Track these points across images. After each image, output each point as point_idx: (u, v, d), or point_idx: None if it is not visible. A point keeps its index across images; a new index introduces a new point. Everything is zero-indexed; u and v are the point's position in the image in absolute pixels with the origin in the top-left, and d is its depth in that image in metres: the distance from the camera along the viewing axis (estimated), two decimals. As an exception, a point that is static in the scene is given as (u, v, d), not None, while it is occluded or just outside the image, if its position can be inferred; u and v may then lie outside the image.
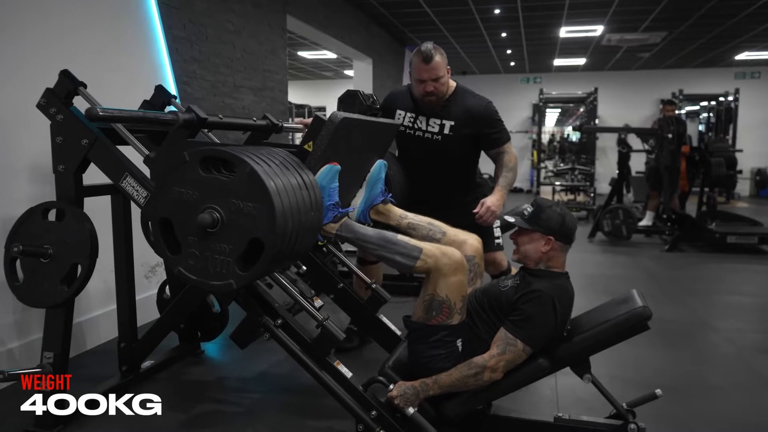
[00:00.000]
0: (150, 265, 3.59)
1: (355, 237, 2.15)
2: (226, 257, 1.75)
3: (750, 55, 11.64)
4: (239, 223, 1.73)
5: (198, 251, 1.78)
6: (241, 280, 1.76)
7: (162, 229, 1.84)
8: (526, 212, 2.14)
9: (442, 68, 2.65)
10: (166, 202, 1.81)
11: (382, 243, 2.11)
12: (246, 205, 1.71)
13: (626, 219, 6.52)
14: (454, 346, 2.05)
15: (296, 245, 1.81)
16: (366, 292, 2.70)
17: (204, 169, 1.76)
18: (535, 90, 13.29)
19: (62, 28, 3.00)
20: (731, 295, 4.59)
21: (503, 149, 2.82)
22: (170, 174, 1.80)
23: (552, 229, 2.08)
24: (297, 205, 1.78)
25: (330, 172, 2.10)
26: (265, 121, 2.73)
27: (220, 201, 1.74)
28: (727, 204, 10.50)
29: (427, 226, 2.35)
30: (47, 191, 2.63)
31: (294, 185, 1.80)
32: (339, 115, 2.09)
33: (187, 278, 1.82)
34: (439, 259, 2.02)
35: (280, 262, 1.84)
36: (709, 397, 2.62)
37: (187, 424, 2.31)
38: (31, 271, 2.24)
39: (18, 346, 2.72)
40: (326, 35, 7.21)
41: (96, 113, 1.94)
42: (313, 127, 2.11)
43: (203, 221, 1.72)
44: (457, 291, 2.02)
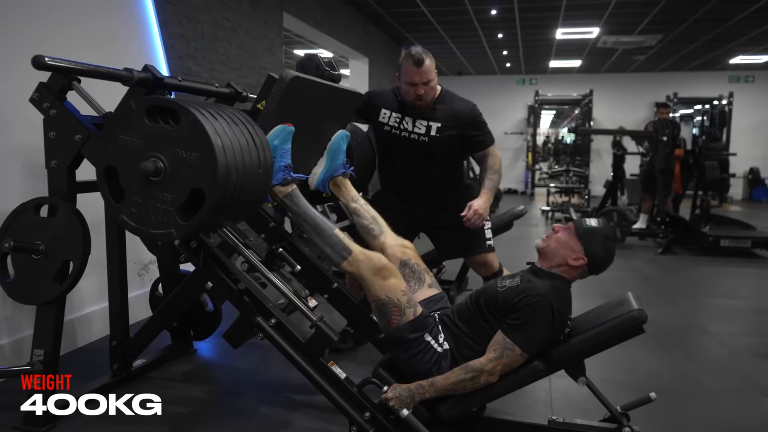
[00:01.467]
0: (143, 263, 3.56)
1: (298, 211, 2.20)
2: (167, 206, 1.76)
3: (744, 59, 11.70)
4: (182, 173, 1.73)
5: (141, 200, 1.79)
6: (182, 230, 1.77)
7: (107, 177, 1.84)
8: (588, 223, 2.10)
9: (432, 72, 2.65)
10: (111, 150, 1.82)
11: (318, 230, 2.17)
12: (189, 154, 1.72)
13: (620, 221, 6.54)
14: (423, 342, 2.06)
15: (240, 200, 1.81)
16: (360, 293, 2.68)
17: (150, 118, 1.77)
18: (531, 91, 13.32)
19: (57, 23, 2.98)
20: (724, 298, 4.60)
21: (488, 152, 2.84)
22: (116, 122, 1.81)
23: (593, 256, 2.06)
24: (243, 159, 1.78)
25: (282, 132, 2.11)
26: (229, 89, 2.71)
27: (164, 150, 1.75)
28: (720, 207, 10.55)
29: (370, 219, 2.40)
30: (40, 187, 2.61)
31: (242, 141, 1.81)
32: (290, 73, 2.10)
33: (129, 226, 1.83)
34: (363, 264, 2.08)
35: (222, 215, 1.84)
36: (702, 400, 2.62)
37: (178, 424, 2.30)
38: (23, 267, 2.22)
39: (8, 342, 2.69)
40: (322, 34, 7.20)
41: (43, 61, 1.93)
42: (266, 86, 2.12)
43: (146, 169, 1.73)
44: (395, 290, 2.05)
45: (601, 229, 2.09)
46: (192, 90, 2.58)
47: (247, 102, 2.85)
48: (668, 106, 7.73)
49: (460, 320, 2.14)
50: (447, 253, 3.17)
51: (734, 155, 8.42)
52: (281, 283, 2.13)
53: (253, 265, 2.12)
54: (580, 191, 10.28)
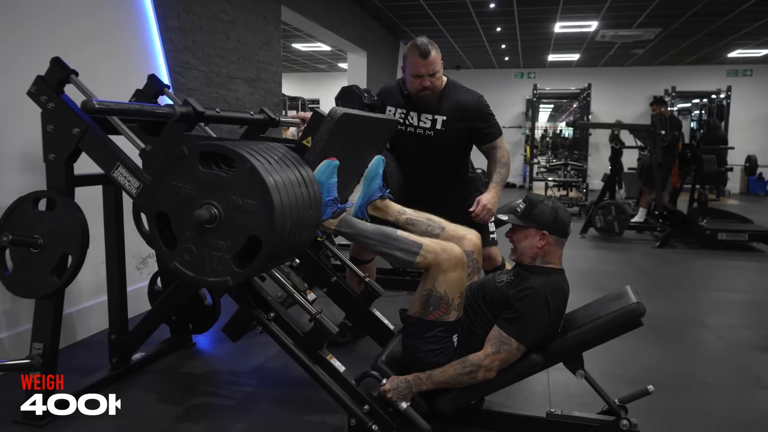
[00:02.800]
0: (141, 257, 3.56)
1: (355, 233, 2.13)
2: (223, 254, 1.73)
3: (742, 53, 11.69)
4: (237, 220, 1.70)
5: (194, 247, 1.76)
6: (237, 278, 1.74)
7: (158, 224, 1.81)
8: (519, 209, 2.12)
9: (438, 63, 2.64)
10: (163, 196, 1.79)
11: (382, 239, 2.10)
12: (245, 201, 1.69)
13: (618, 215, 6.54)
14: (449, 341, 2.05)
15: (294, 243, 1.79)
16: (359, 286, 2.69)
17: (203, 164, 1.74)
18: (529, 85, 13.28)
19: (54, 16, 2.96)
20: (721, 291, 4.61)
21: (495, 144, 2.81)
22: (168, 168, 1.78)
23: (545, 223, 2.07)
24: (296, 202, 1.75)
25: (329, 167, 2.08)
26: (262, 115, 2.70)
27: (218, 197, 1.72)
28: (718, 201, 10.57)
29: (426, 221, 2.34)
30: (38, 180, 2.60)
31: (293, 182, 1.78)
32: (339, 110, 2.07)
33: (183, 274, 1.79)
34: (439, 255, 2.01)
35: (277, 259, 1.82)
36: (700, 393, 2.63)
37: (177, 418, 2.30)
38: (21, 261, 2.22)
39: (7, 336, 2.69)
40: (321, 27, 7.18)
41: (92, 106, 1.90)
42: (313, 123, 2.09)
43: (201, 217, 1.70)
44: (456, 287, 2.02)
45: (529, 202, 2.12)
46: (230, 120, 2.58)
47: (279, 126, 2.85)
48: (664, 103, 7.72)
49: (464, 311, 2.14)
50: None
51: (732, 149, 8.41)
52: (280, 277, 2.13)
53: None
54: (578, 185, 10.29)
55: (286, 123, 2.91)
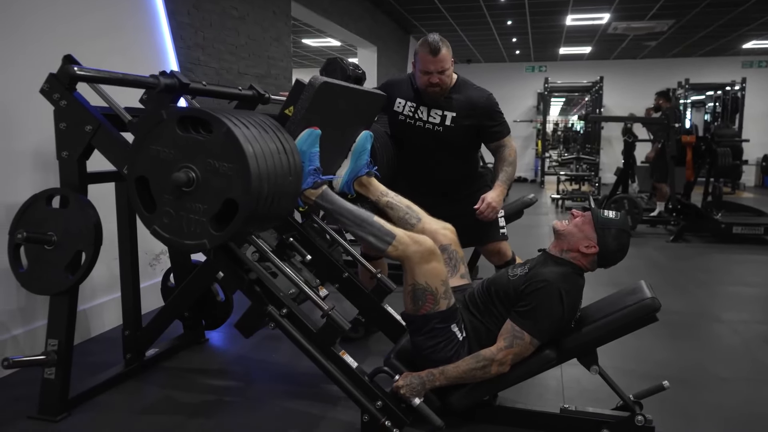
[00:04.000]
0: (154, 253, 3.58)
1: (333, 208, 2.17)
2: (200, 217, 1.76)
3: (757, 44, 11.55)
4: (214, 183, 1.73)
5: (173, 210, 1.79)
6: (214, 240, 1.77)
7: (138, 187, 1.84)
8: (606, 214, 2.10)
9: (448, 60, 2.63)
10: (142, 160, 1.82)
11: (358, 221, 2.13)
12: (222, 165, 1.71)
13: (631, 209, 6.49)
14: (449, 332, 2.05)
15: (272, 208, 1.81)
16: (371, 282, 2.68)
17: (181, 129, 1.77)
18: (540, 79, 13.21)
19: (65, 12, 2.97)
20: (737, 285, 4.57)
21: (503, 143, 2.81)
22: (147, 132, 1.81)
23: (606, 247, 2.06)
24: (274, 167, 1.77)
25: (310, 136, 2.10)
26: (252, 92, 2.70)
27: (196, 160, 1.75)
28: (733, 194, 10.46)
29: (405, 209, 2.36)
30: (51, 178, 2.62)
31: (272, 148, 1.80)
32: (320, 78, 2.09)
33: (161, 236, 1.83)
34: (409, 247, 2.04)
35: (254, 223, 1.84)
36: (715, 388, 2.61)
37: (191, 413, 2.31)
38: (35, 258, 2.23)
39: (22, 332, 2.71)
40: (331, 22, 7.16)
41: (73, 72, 1.92)
42: (294, 92, 2.10)
43: (178, 180, 1.73)
44: (435, 277, 2.02)
45: (618, 221, 2.09)
46: (216, 94, 2.58)
47: (269, 104, 2.84)
48: (669, 98, 7.68)
49: (474, 307, 2.14)
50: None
51: (747, 141, 8.31)
52: (292, 273, 2.13)
53: (264, 254, 2.12)
54: (590, 179, 10.21)
55: (276, 100, 2.90)
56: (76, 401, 2.30)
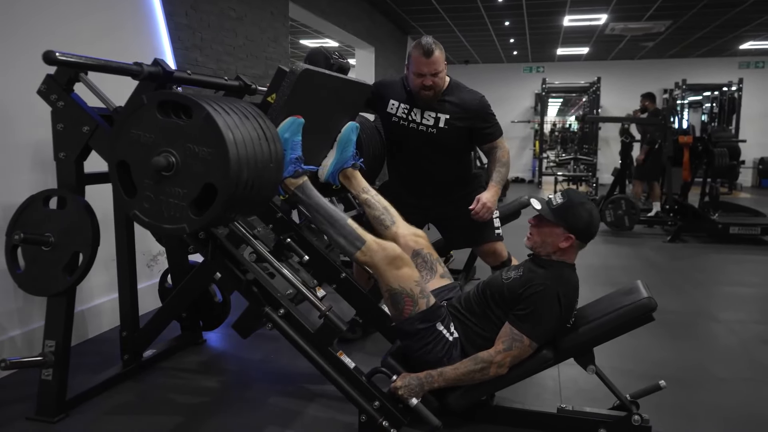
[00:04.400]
0: (152, 254, 3.58)
1: (309, 203, 2.20)
2: (180, 201, 1.77)
3: (754, 45, 11.57)
4: (194, 168, 1.74)
5: (153, 194, 1.80)
6: (193, 224, 1.78)
7: (119, 172, 1.85)
8: (555, 202, 2.09)
9: (441, 63, 2.63)
10: (123, 145, 1.82)
11: (331, 221, 2.17)
12: (201, 149, 1.72)
13: (629, 209, 6.50)
14: (435, 331, 2.06)
15: (252, 194, 1.81)
16: (368, 283, 2.69)
17: (161, 113, 1.77)
18: (538, 79, 13.21)
19: (63, 14, 2.97)
20: (734, 285, 4.58)
21: (496, 144, 2.83)
22: (128, 116, 1.81)
23: (577, 228, 2.04)
24: (254, 154, 1.78)
25: (293, 124, 2.11)
26: (238, 82, 2.71)
27: (176, 145, 1.75)
28: (730, 195, 10.47)
29: (382, 209, 2.40)
30: (48, 179, 2.62)
31: (253, 135, 1.81)
32: (301, 65, 2.10)
33: (141, 221, 1.83)
34: (377, 254, 2.07)
35: (234, 209, 1.84)
36: (712, 388, 2.62)
37: (188, 413, 2.31)
38: (33, 259, 2.23)
39: (19, 333, 2.71)
40: (328, 23, 7.17)
41: (54, 57, 1.92)
42: (276, 79, 2.11)
43: (158, 164, 1.73)
44: (408, 279, 2.05)
45: (569, 200, 2.07)
46: (202, 83, 2.58)
47: (256, 95, 2.84)
48: (654, 99, 7.88)
49: (467, 310, 2.14)
50: (455, 243, 3.16)
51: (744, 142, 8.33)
52: (290, 274, 2.13)
53: (262, 255, 2.12)
54: (587, 179, 10.24)
55: (262, 91, 2.90)
56: (73, 402, 2.30)
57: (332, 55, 2.54)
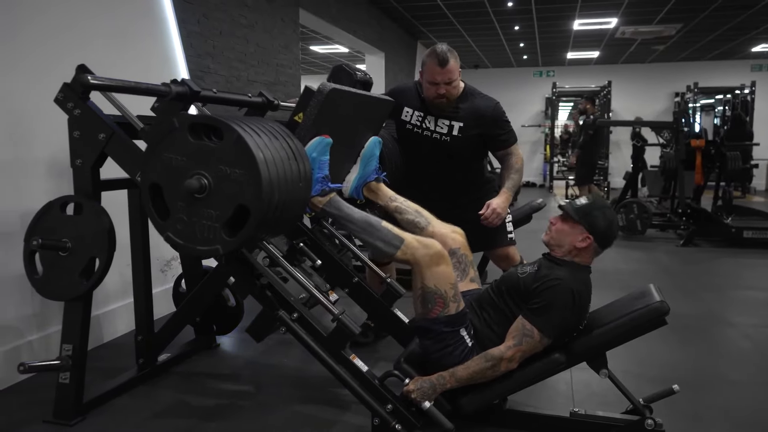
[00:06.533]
0: (166, 259, 3.61)
1: (341, 215, 2.19)
2: (213, 223, 1.78)
3: (766, 47, 11.48)
4: (226, 190, 1.75)
5: (186, 216, 1.81)
6: (227, 246, 1.79)
7: (152, 195, 1.87)
8: (579, 203, 2.12)
9: (455, 71, 2.63)
10: (155, 168, 1.84)
11: (366, 226, 2.15)
12: (233, 171, 1.74)
13: (641, 213, 6.47)
14: (458, 336, 2.06)
15: (283, 214, 1.83)
16: (380, 287, 2.70)
17: (193, 135, 1.79)
18: (548, 83, 13.21)
19: (76, 20, 3.01)
20: (747, 290, 4.54)
21: (510, 150, 2.83)
22: (160, 140, 1.83)
23: (596, 230, 2.06)
24: (284, 174, 1.80)
25: (320, 144, 2.12)
26: (261, 98, 2.73)
27: (208, 167, 1.77)
28: (743, 198, 10.39)
29: (414, 213, 2.38)
30: (65, 185, 2.65)
31: (282, 155, 1.82)
32: (328, 85, 2.11)
33: (175, 243, 1.85)
34: (418, 250, 2.05)
35: (266, 229, 1.86)
36: (726, 392, 2.60)
37: (202, 417, 2.33)
38: (50, 264, 2.27)
39: (37, 338, 2.75)
40: (338, 29, 7.21)
41: (87, 81, 1.95)
42: (303, 98, 2.13)
43: (191, 186, 1.75)
44: (444, 280, 2.04)
45: (593, 203, 2.10)
46: (226, 101, 2.61)
47: (279, 110, 2.86)
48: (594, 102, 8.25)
49: (482, 309, 2.15)
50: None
51: (757, 145, 8.27)
52: (303, 278, 2.15)
53: (275, 260, 2.14)
54: (599, 183, 10.19)
55: (285, 107, 2.93)
56: (90, 405, 2.33)
57: (356, 72, 2.57)
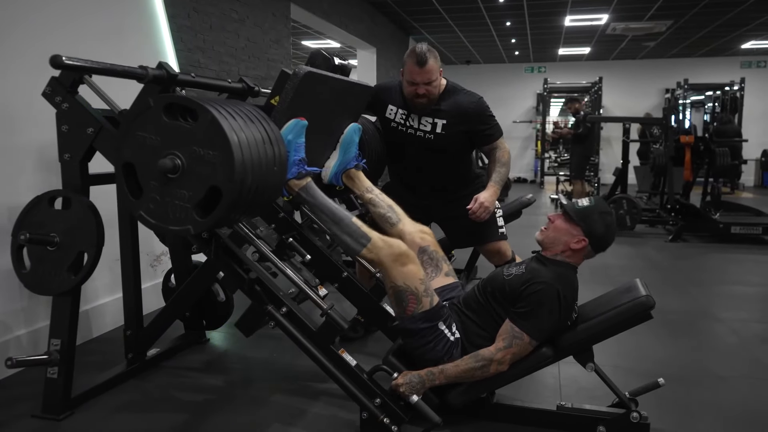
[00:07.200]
0: (155, 254, 3.61)
1: (314, 202, 2.21)
2: (185, 203, 1.79)
3: (756, 44, 11.56)
4: (199, 170, 1.76)
5: (158, 196, 1.82)
6: (198, 226, 1.80)
7: (125, 173, 1.87)
8: (580, 204, 2.12)
9: (435, 72, 2.61)
10: (129, 147, 1.85)
11: (336, 219, 2.17)
12: (206, 152, 1.74)
13: (630, 209, 6.51)
14: (437, 330, 2.08)
15: (256, 197, 1.84)
16: (370, 282, 2.71)
17: (168, 116, 1.79)
18: (540, 79, 13.23)
19: (65, 15, 2.99)
20: (735, 285, 4.58)
21: (496, 144, 2.82)
22: (134, 119, 1.84)
23: (593, 234, 2.07)
24: (258, 157, 1.80)
25: (296, 126, 2.13)
26: (241, 84, 2.73)
27: (181, 147, 1.78)
28: (732, 194, 10.47)
29: (387, 207, 2.41)
30: (53, 179, 2.64)
31: (257, 137, 1.83)
32: (303, 68, 2.12)
33: (147, 222, 1.86)
34: (382, 250, 2.08)
35: (239, 211, 1.87)
36: (713, 386, 2.63)
37: (192, 411, 2.34)
38: (38, 258, 2.26)
39: (25, 333, 2.74)
40: (330, 24, 7.20)
41: (61, 61, 1.95)
42: (279, 82, 2.14)
43: (164, 166, 1.76)
44: (413, 277, 2.06)
45: (594, 206, 2.10)
46: (205, 86, 2.60)
47: (259, 97, 2.86)
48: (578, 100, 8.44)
49: (468, 308, 2.16)
50: (460, 242, 3.17)
51: (746, 141, 8.33)
52: (292, 273, 2.15)
53: (264, 254, 2.14)
54: (589, 179, 10.23)
55: (266, 93, 2.92)
56: (78, 400, 2.33)
57: (333, 57, 2.56)
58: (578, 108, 8.24)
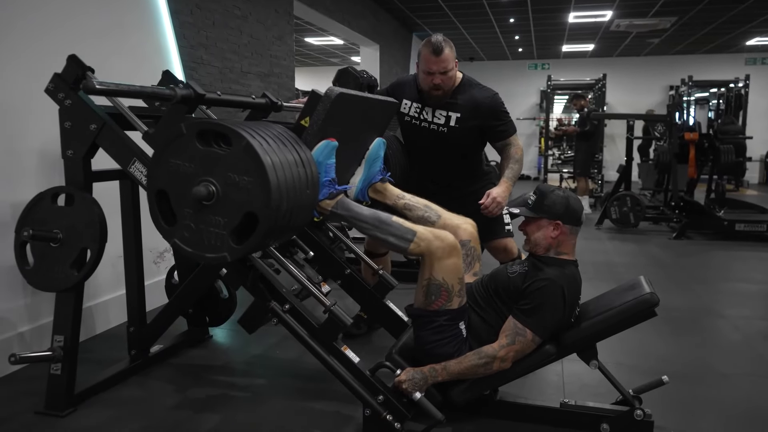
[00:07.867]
0: (158, 251, 3.61)
1: (350, 215, 2.17)
2: (220, 230, 1.77)
3: (761, 41, 11.51)
4: (234, 197, 1.74)
5: (193, 223, 1.80)
6: (235, 254, 1.78)
7: (158, 201, 1.86)
8: (530, 200, 2.14)
9: (450, 61, 2.63)
10: (162, 174, 1.83)
11: (376, 223, 2.13)
12: (242, 179, 1.72)
13: (634, 206, 6.50)
14: (456, 329, 2.06)
15: (291, 220, 1.82)
16: (373, 279, 2.71)
17: (201, 142, 1.77)
18: (543, 76, 13.17)
19: (68, 12, 2.99)
20: (739, 282, 4.57)
21: (509, 141, 2.81)
22: (167, 146, 1.81)
23: (558, 213, 2.08)
24: (292, 180, 1.79)
25: (327, 147, 2.11)
26: (264, 100, 2.72)
27: (216, 174, 1.75)
28: (736, 192, 10.44)
29: (423, 208, 2.37)
30: (56, 176, 2.64)
31: (290, 161, 1.81)
32: (335, 90, 2.10)
33: (183, 250, 1.84)
34: (432, 242, 2.03)
35: (274, 236, 1.85)
36: (716, 383, 2.62)
37: (195, 408, 2.34)
38: (41, 255, 2.26)
39: (29, 329, 2.74)
40: (333, 21, 7.18)
41: (93, 86, 1.94)
42: (310, 103, 2.12)
43: (199, 194, 1.74)
44: (453, 274, 2.03)
45: (538, 193, 2.13)
46: (231, 103, 2.59)
47: (282, 112, 2.85)
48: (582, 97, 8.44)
49: (473, 303, 2.16)
50: None
51: (750, 138, 8.29)
52: (295, 270, 2.15)
53: (267, 251, 2.14)
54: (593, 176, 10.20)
55: (289, 108, 2.92)
56: (81, 396, 2.33)
57: (362, 75, 2.55)
58: (584, 105, 8.25)
